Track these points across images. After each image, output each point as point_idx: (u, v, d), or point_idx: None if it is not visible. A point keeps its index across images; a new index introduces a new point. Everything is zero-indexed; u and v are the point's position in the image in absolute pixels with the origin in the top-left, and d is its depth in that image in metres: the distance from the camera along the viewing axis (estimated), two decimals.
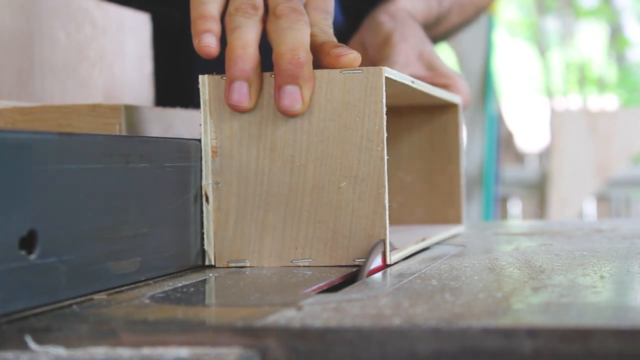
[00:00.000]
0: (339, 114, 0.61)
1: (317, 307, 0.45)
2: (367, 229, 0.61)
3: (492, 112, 3.65)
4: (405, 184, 0.88)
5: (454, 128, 0.87)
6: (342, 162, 0.61)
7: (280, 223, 0.62)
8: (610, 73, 7.30)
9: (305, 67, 0.61)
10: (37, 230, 0.46)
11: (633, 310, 0.43)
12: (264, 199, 0.62)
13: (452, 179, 0.87)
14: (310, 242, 0.62)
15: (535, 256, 0.65)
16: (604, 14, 7.13)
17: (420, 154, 0.88)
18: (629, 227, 0.89)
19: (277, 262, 0.62)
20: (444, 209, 0.87)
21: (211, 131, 0.63)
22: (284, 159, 0.62)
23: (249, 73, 0.61)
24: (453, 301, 0.46)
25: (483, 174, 3.65)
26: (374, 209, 0.61)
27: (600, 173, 3.86)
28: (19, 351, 0.41)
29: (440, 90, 0.79)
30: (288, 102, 0.61)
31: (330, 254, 0.62)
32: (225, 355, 0.39)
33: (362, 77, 0.61)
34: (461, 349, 0.39)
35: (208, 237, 0.63)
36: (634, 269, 0.58)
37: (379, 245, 0.63)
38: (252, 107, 0.62)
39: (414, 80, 0.69)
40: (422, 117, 0.88)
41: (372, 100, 0.61)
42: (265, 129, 0.62)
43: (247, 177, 0.63)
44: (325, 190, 0.62)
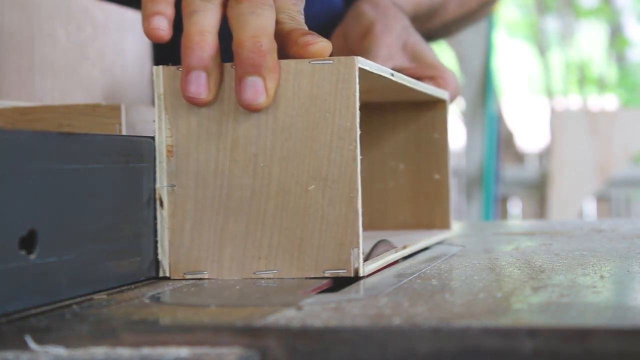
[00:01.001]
0: (307, 109, 0.56)
1: (317, 307, 0.45)
2: (338, 236, 0.55)
3: (492, 112, 3.65)
4: (389, 185, 0.82)
5: (441, 126, 0.81)
6: (311, 162, 0.56)
7: (242, 230, 0.57)
8: (610, 73, 7.30)
9: (269, 55, 0.55)
10: (37, 230, 0.46)
11: (633, 310, 0.43)
12: (224, 204, 0.57)
13: (439, 181, 0.81)
14: (275, 252, 0.56)
15: (535, 256, 0.65)
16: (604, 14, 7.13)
17: (406, 153, 0.82)
18: (629, 227, 0.89)
19: (238, 274, 0.57)
20: (430, 212, 0.81)
21: (166, 128, 0.57)
22: (247, 158, 0.56)
23: (207, 62, 0.56)
24: (453, 301, 0.46)
25: (483, 173, 3.65)
26: (346, 215, 0.55)
27: (600, 173, 3.86)
28: (19, 351, 0.41)
29: (425, 85, 0.74)
30: (250, 94, 0.55)
31: (297, 264, 0.56)
32: (225, 355, 0.39)
33: (333, 68, 0.55)
34: (461, 349, 0.39)
35: (162, 246, 0.57)
36: (634, 268, 0.58)
37: (380, 243, 0.63)
38: (211, 100, 0.56)
39: (393, 72, 0.63)
40: (408, 114, 0.82)
41: (344, 93, 0.55)
42: (225, 125, 0.57)
43: (206, 179, 0.57)
44: (291, 194, 0.56)
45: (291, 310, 0.44)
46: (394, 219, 0.82)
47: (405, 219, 0.82)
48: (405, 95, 0.77)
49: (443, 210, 0.80)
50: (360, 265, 0.55)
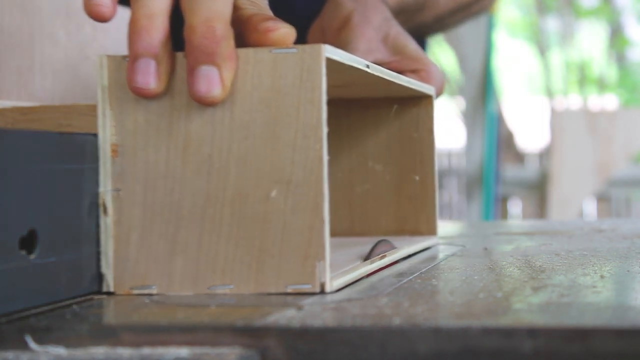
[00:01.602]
0: (267, 104, 0.50)
1: (317, 307, 0.45)
2: (302, 247, 0.49)
3: (493, 112, 3.66)
4: (370, 188, 0.77)
5: (427, 123, 0.76)
6: (272, 164, 0.50)
7: (194, 240, 0.51)
8: (610, 73, 7.30)
9: (224, 42, 0.49)
10: (37, 230, 0.46)
11: (633, 310, 0.43)
12: (175, 211, 0.51)
13: (424, 183, 0.75)
14: (231, 264, 0.50)
15: (536, 256, 0.65)
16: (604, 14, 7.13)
17: (388, 153, 0.77)
18: (629, 227, 0.89)
19: (190, 289, 0.51)
20: (415, 217, 0.76)
21: (110, 125, 0.52)
22: (200, 160, 0.51)
23: (156, 49, 0.50)
24: (453, 301, 0.46)
25: (483, 173, 3.65)
26: (311, 223, 0.49)
27: (600, 173, 3.87)
28: (19, 351, 0.41)
29: (408, 79, 0.69)
30: (203, 86, 0.49)
31: (256, 278, 0.50)
32: (225, 355, 0.39)
33: (297, 57, 0.50)
34: (461, 349, 0.39)
35: (106, 258, 0.51)
36: (634, 268, 0.58)
37: (381, 243, 0.63)
38: (161, 91, 0.50)
39: (369, 64, 0.58)
40: (390, 111, 0.77)
41: (309, 86, 0.49)
42: (177, 122, 0.51)
43: (155, 183, 0.51)
44: (250, 200, 0.50)
45: (291, 310, 0.44)
46: (375, 224, 0.77)
47: (387, 225, 0.77)
48: (387, 90, 0.72)
49: (429, 214, 0.75)
50: (327, 280, 0.49)
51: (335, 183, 0.76)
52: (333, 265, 0.53)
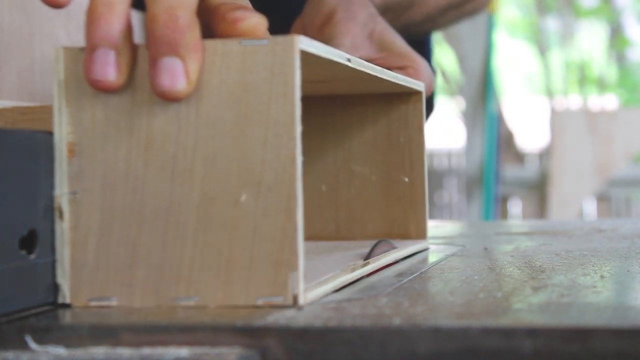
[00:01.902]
0: (236, 100, 0.46)
1: (317, 307, 0.45)
2: (274, 255, 0.46)
3: (493, 111, 3.66)
4: (356, 190, 0.73)
5: (416, 121, 0.72)
6: (241, 165, 0.46)
7: (158, 247, 0.47)
8: (610, 73, 7.31)
9: (188, 32, 0.46)
10: (37, 230, 0.46)
11: (633, 310, 0.43)
12: (136, 215, 0.47)
13: (413, 184, 0.72)
14: (197, 274, 0.46)
15: (536, 256, 0.65)
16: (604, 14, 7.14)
17: (375, 152, 0.73)
18: (629, 227, 0.89)
19: (153, 300, 0.47)
20: (403, 220, 0.72)
21: (67, 122, 0.48)
22: (164, 160, 0.47)
23: (116, 38, 0.46)
24: (453, 301, 0.46)
25: (483, 173, 3.65)
26: (283, 228, 0.46)
27: (600, 173, 3.87)
28: (19, 351, 0.41)
29: (394, 74, 0.66)
30: (167, 80, 0.46)
31: (224, 289, 0.46)
32: (225, 355, 0.39)
33: (268, 50, 0.46)
34: (461, 349, 0.39)
35: (62, 266, 0.47)
36: (634, 268, 0.58)
37: (381, 243, 0.63)
38: (121, 84, 0.47)
39: (350, 58, 0.55)
40: (378, 109, 0.73)
41: (281, 80, 0.46)
42: (138, 119, 0.47)
43: (115, 185, 0.47)
44: (217, 203, 0.46)
45: (291, 310, 0.44)
46: (362, 227, 0.73)
47: (375, 228, 0.73)
48: (373, 86, 0.69)
49: (418, 218, 0.72)
50: (300, 292, 0.45)
51: (319, 184, 0.74)
52: (313, 273, 0.51)
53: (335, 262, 0.59)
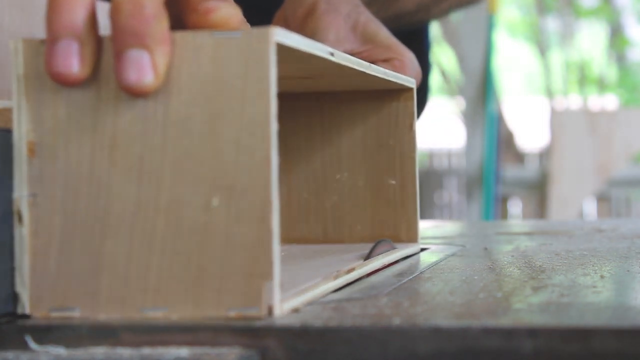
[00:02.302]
0: (208, 97, 0.43)
1: (317, 307, 0.45)
2: (247, 264, 0.43)
3: (493, 112, 3.66)
4: (345, 190, 0.71)
5: (406, 119, 0.69)
6: (213, 166, 0.43)
7: (123, 255, 0.44)
8: (610, 73, 7.31)
9: (155, 22, 0.43)
10: None
11: (633, 310, 0.43)
12: (100, 220, 0.44)
13: (404, 185, 0.69)
14: (165, 284, 0.43)
15: (536, 256, 0.65)
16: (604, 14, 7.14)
17: (364, 152, 0.70)
18: (629, 227, 0.89)
19: (119, 311, 0.43)
20: (394, 223, 0.69)
21: (27, 120, 0.44)
22: (130, 161, 0.44)
23: (79, 28, 0.43)
24: (453, 301, 0.46)
25: (483, 173, 3.65)
26: (257, 236, 0.42)
27: (600, 173, 3.87)
28: (19, 351, 0.41)
29: (383, 70, 0.63)
30: (133, 73, 0.42)
31: (194, 300, 0.43)
32: (225, 355, 0.39)
33: (242, 42, 0.43)
34: (461, 349, 0.39)
35: (21, 274, 0.44)
36: (634, 268, 0.58)
37: (381, 243, 0.63)
38: (85, 78, 0.43)
39: (333, 51, 0.52)
40: (367, 106, 0.70)
41: (255, 76, 0.43)
42: (103, 117, 0.44)
43: (78, 188, 0.44)
44: (187, 208, 0.43)
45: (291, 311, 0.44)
46: (350, 230, 0.71)
47: (364, 231, 0.70)
48: (361, 83, 0.66)
49: (409, 220, 0.69)
50: (276, 302, 0.42)
51: (306, 185, 0.72)
52: (294, 281, 0.49)
53: (320, 268, 0.56)
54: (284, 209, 0.71)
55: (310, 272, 0.54)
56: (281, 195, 0.70)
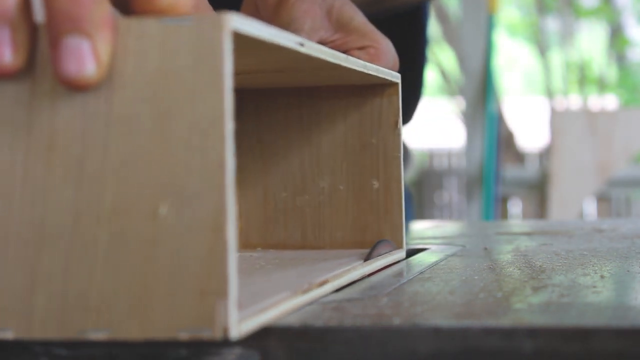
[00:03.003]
0: (155, 91, 0.39)
1: (317, 307, 0.45)
2: (199, 280, 0.38)
3: (493, 111, 3.66)
4: (325, 193, 0.66)
5: (391, 116, 0.64)
6: (161, 169, 0.39)
7: (61, 269, 0.39)
8: (610, 73, 7.31)
9: (95, 5, 0.38)
10: None
11: (633, 310, 0.43)
12: (36, 230, 0.39)
13: (388, 188, 0.65)
14: (108, 302, 0.39)
15: (536, 256, 0.65)
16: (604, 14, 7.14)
17: (346, 152, 0.65)
18: (629, 227, 0.89)
19: (56, 331, 0.39)
20: (377, 228, 0.65)
21: None
22: (69, 163, 0.39)
23: (11, 13, 0.38)
24: (453, 301, 0.46)
25: (483, 173, 3.65)
26: (211, 248, 0.38)
27: (600, 173, 3.87)
28: (20, 351, 0.41)
29: (363, 63, 0.58)
30: (72, 64, 0.38)
31: (140, 320, 0.38)
32: (225, 355, 0.39)
33: (193, 30, 0.38)
34: (461, 349, 0.39)
35: None
36: (634, 268, 0.58)
37: (381, 243, 0.63)
38: (19, 68, 0.39)
39: (303, 41, 0.47)
40: (348, 102, 0.65)
41: (208, 68, 0.38)
42: (38, 113, 0.39)
43: (10, 193, 0.39)
44: (133, 216, 0.39)
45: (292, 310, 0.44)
46: (331, 236, 0.66)
47: (345, 236, 0.66)
48: (341, 77, 0.61)
49: (393, 225, 0.65)
50: (232, 323, 0.38)
51: (284, 187, 0.67)
52: (261, 294, 0.45)
53: (292, 278, 0.51)
54: (259, 212, 0.68)
55: (280, 283, 0.49)
56: (257, 198, 0.67)
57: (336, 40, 0.66)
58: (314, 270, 0.54)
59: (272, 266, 0.57)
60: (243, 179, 0.67)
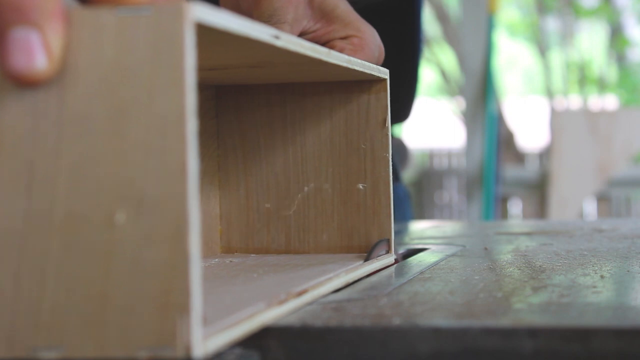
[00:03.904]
0: (111, 88, 0.36)
1: (317, 307, 0.45)
2: (159, 294, 0.35)
3: (493, 111, 3.66)
4: (310, 195, 0.63)
5: (379, 113, 0.61)
6: (117, 173, 0.36)
7: (10, 282, 0.36)
8: (610, 73, 7.31)
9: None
10: None
11: (633, 310, 0.43)
12: None
13: (376, 189, 0.61)
14: (60, 318, 0.36)
15: (536, 256, 0.65)
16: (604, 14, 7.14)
17: (331, 151, 0.62)
18: (629, 227, 0.89)
19: (4, 350, 0.36)
20: (365, 231, 0.62)
21: None
22: (18, 167, 0.36)
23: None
24: (453, 301, 0.46)
25: (483, 173, 3.65)
26: (171, 259, 0.35)
27: (600, 173, 3.87)
28: None
29: (348, 57, 0.55)
30: (20, 58, 0.35)
31: (96, 337, 0.35)
32: (225, 355, 0.39)
33: (152, 21, 0.35)
34: (461, 349, 0.39)
35: None
36: (634, 268, 0.58)
37: (381, 243, 0.63)
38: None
39: (278, 34, 0.44)
40: (334, 99, 0.62)
41: (167, 62, 0.35)
42: None
43: None
44: (87, 224, 0.36)
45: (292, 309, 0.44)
46: (316, 240, 0.63)
47: (330, 241, 0.62)
48: (325, 73, 0.58)
49: (382, 228, 0.62)
50: (195, 341, 0.35)
51: (267, 189, 0.64)
52: (235, 305, 0.42)
53: (270, 287, 0.48)
54: (241, 214, 0.64)
55: (256, 293, 0.46)
56: (238, 200, 0.65)
57: (318, 30, 0.63)
58: (294, 278, 0.51)
59: (251, 273, 0.54)
60: (224, 180, 0.65)
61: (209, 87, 0.64)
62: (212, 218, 0.64)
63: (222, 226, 0.65)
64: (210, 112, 0.64)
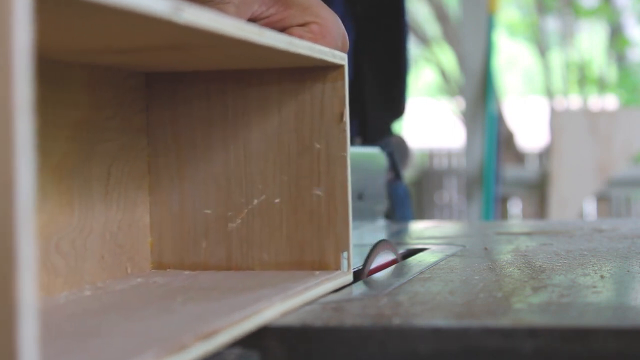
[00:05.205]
0: None
1: (317, 307, 0.45)
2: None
3: (493, 111, 3.66)
4: (254, 203, 0.54)
5: (335, 105, 0.53)
6: None
7: None
8: (610, 73, 7.31)
9: None
10: None
11: (633, 310, 0.43)
12: None
13: (332, 195, 0.53)
14: None
15: (536, 256, 0.65)
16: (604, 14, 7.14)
17: (280, 151, 0.54)
18: (629, 227, 0.89)
19: None
20: (318, 245, 0.54)
21: None
22: None
23: None
24: (453, 301, 0.46)
25: (483, 173, 3.65)
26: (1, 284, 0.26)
27: (600, 173, 3.87)
28: None
29: (285, 37, 0.46)
30: None
31: None
32: (226, 355, 0.39)
33: None
34: (461, 349, 0.39)
35: None
36: (634, 268, 0.58)
37: (381, 243, 0.63)
38: None
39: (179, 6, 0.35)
40: (282, 89, 0.54)
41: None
42: None
43: None
44: None
45: (291, 308, 0.44)
46: (261, 255, 0.54)
47: (278, 256, 0.54)
48: (267, 58, 0.50)
49: (338, 240, 0.53)
50: None
51: (205, 195, 0.56)
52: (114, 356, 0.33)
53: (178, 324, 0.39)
54: (175, 225, 0.56)
55: (157, 333, 0.37)
56: (172, 208, 0.56)
57: (272, 16, 0.56)
58: (215, 308, 0.42)
59: (170, 301, 0.45)
60: (155, 184, 0.56)
61: (136, 74, 0.54)
62: (140, 229, 0.55)
63: (153, 238, 0.56)
64: (137, 103, 0.55)
